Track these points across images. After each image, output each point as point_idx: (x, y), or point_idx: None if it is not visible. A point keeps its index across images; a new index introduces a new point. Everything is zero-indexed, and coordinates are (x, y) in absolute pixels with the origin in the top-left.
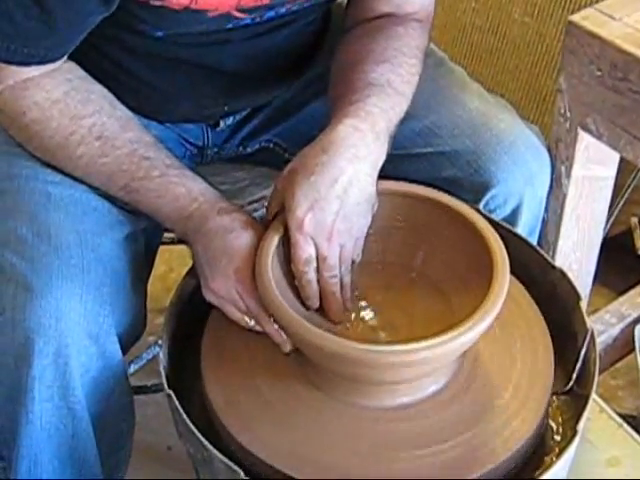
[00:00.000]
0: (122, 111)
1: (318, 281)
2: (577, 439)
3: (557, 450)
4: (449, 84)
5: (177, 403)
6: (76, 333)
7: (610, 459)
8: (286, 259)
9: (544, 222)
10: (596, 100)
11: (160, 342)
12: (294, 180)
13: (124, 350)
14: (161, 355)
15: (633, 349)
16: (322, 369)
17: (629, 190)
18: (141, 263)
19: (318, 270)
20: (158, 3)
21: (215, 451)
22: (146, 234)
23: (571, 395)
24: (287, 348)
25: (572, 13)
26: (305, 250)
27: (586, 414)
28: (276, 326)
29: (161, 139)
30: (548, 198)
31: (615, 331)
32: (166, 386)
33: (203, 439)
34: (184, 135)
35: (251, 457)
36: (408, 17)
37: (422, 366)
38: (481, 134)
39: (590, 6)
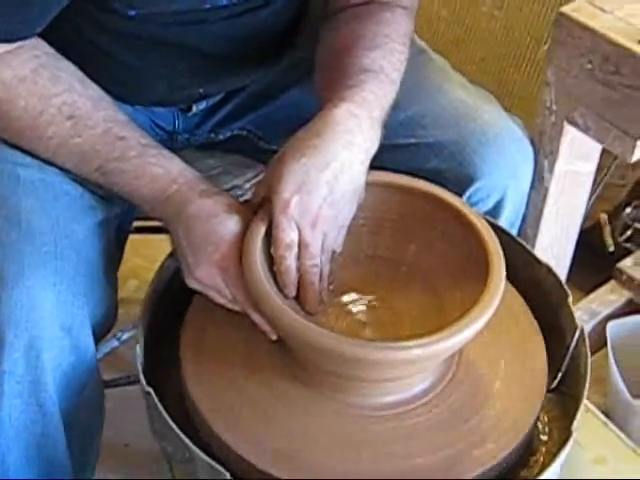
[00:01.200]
0: (94, 89)
1: (297, 269)
2: (572, 439)
3: (543, 450)
4: (431, 73)
5: (157, 401)
6: (49, 325)
7: (596, 458)
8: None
9: (524, 217)
10: (585, 93)
11: (119, 335)
12: (283, 161)
13: (95, 343)
14: (138, 350)
15: (603, 346)
16: (308, 364)
17: (601, 186)
18: (113, 251)
19: (299, 257)
20: None
21: (200, 452)
22: (118, 221)
23: (556, 393)
24: (274, 336)
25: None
26: (287, 234)
27: (580, 413)
28: (260, 316)
29: None
30: (529, 192)
31: (587, 329)
32: (144, 383)
33: (187, 440)
34: (155, 119)
35: (233, 455)
36: (394, 3)
37: (413, 364)
38: (465, 125)
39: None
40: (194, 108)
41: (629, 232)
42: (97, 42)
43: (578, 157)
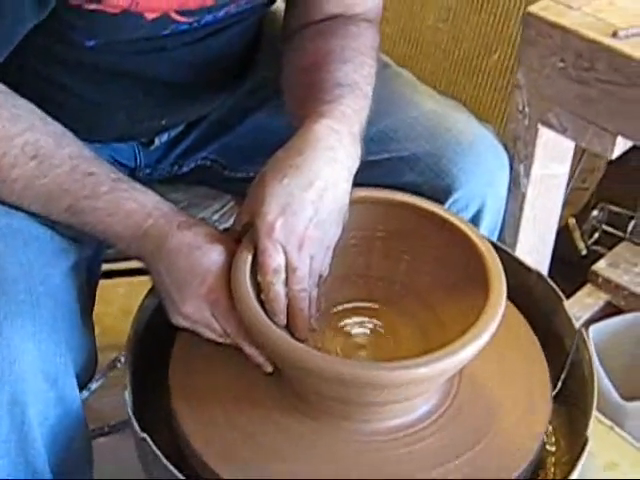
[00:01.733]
0: (55, 126)
1: (285, 295)
2: (588, 447)
3: (553, 460)
4: (400, 86)
5: (155, 448)
6: (32, 377)
7: (607, 464)
8: None
9: (502, 225)
10: (558, 93)
11: (88, 384)
12: (264, 183)
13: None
14: (126, 396)
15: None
16: (310, 393)
17: (568, 190)
18: (87, 295)
19: (287, 283)
20: (93, 7)
21: None
22: (87, 264)
23: (558, 401)
24: (269, 368)
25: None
26: (274, 259)
27: (592, 418)
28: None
29: None
30: (506, 200)
31: None
32: (138, 430)
33: None
34: (115, 156)
35: None
36: (358, 17)
37: (420, 384)
38: (439, 136)
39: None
40: (156, 141)
41: (596, 235)
42: (51, 76)
43: (552, 159)
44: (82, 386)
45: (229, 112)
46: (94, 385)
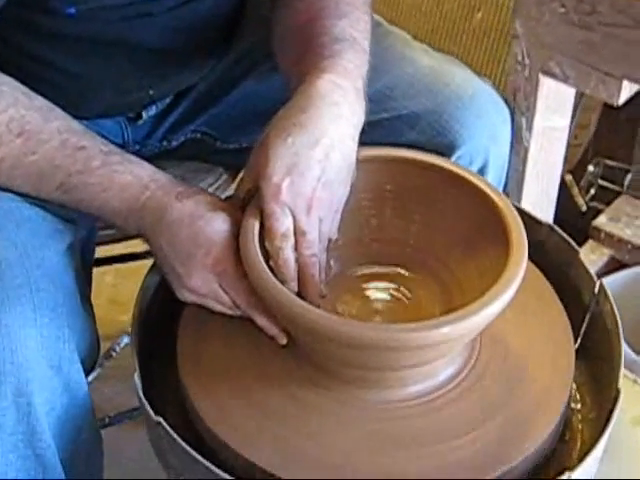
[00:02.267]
0: (40, 100)
1: (295, 260)
2: (620, 401)
3: (579, 417)
4: (393, 43)
5: (172, 432)
6: (36, 365)
7: (634, 418)
8: None
9: (505, 182)
10: (560, 40)
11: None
12: (268, 144)
13: None
14: (136, 379)
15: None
16: (324, 360)
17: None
18: (83, 278)
19: (296, 248)
20: None
21: None
22: (81, 246)
23: (579, 357)
24: (284, 340)
25: None
26: (282, 222)
27: (622, 370)
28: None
29: None
30: (509, 155)
31: None
32: (152, 413)
33: (218, 470)
34: (102, 132)
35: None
36: None
37: (440, 346)
38: (439, 92)
39: None
40: (143, 115)
41: (593, 191)
42: (31, 50)
43: (554, 111)
44: (87, 372)
45: (217, 82)
46: (90, 377)
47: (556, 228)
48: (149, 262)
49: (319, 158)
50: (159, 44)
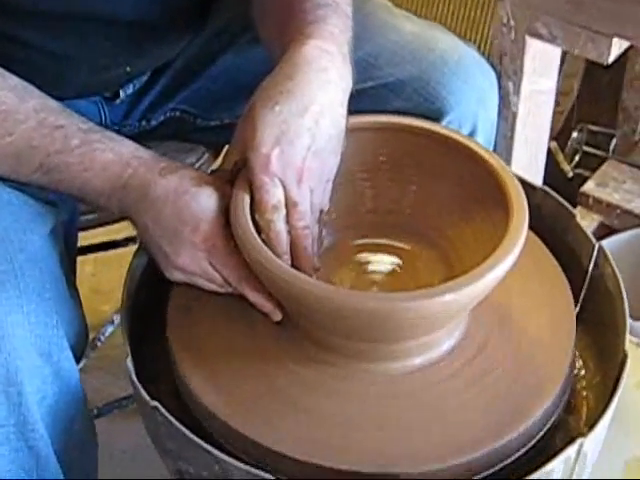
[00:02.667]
0: (14, 79)
1: (287, 233)
2: (628, 365)
3: (584, 383)
4: (374, 11)
5: (170, 416)
6: (25, 352)
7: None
8: None
9: (494, 149)
10: (546, 0)
11: None
12: (254, 113)
13: None
14: (128, 364)
15: None
16: (325, 336)
17: None
18: (69, 263)
19: (287, 220)
20: None
21: (239, 464)
22: (63, 230)
23: (579, 322)
24: (278, 316)
25: None
26: (272, 194)
27: (628, 331)
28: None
29: None
30: (497, 122)
31: None
32: (148, 398)
33: (218, 453)
34: (79, 114)
35: (270, 455)
36: None
37: (443, 315)
38: (423, 58)
39: None
40: (121, 94)
41: (577, 157)
42: (4, 29)
43: (540, 75)
44: (77, 360)
45: (195, 57)
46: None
47: (551, 192)
48: (130, 249)
49: (308, 126)
50: (133, 16)
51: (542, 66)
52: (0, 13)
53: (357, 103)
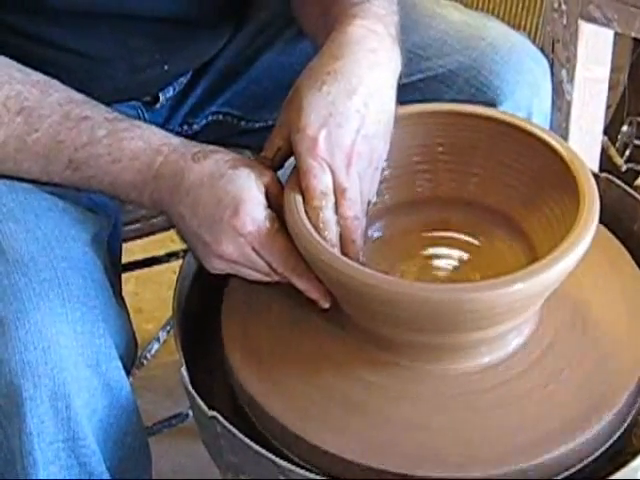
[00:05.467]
0: (37, 75)
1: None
2: None
3: None
4: (421, 1)
5: (231, 427)
6: (72, 363)
7: None
8: None
9: None
10: None
11: None
12: (300, 94)
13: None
14: (183, 373)
15: None
16: (394, 333)
17: None
18: (113, 271)
19: (336, 210)
20: None
21: (306, 473)
22: (107, 237)
23: None
24: (327, 304)
25: None
26: (320, 179)
27: None
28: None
29: None
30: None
31: None
32: (205, 407)
33: (283, 463)
34: None
35: (338, 462)
36: None
37: (514, 305)
38: (474, 47)
39: None
40: (161, 98)
41: (628, 151)
42: (30, 31)
43: (594, 61)
44: (128, 371)
45: (236, 56)
46: None
47: (615, 180)
48: (171, 265)
49: (357, 108)
50: (168, 13)
51: (595, 53)
52: (30, 13)
53: (407, 97)
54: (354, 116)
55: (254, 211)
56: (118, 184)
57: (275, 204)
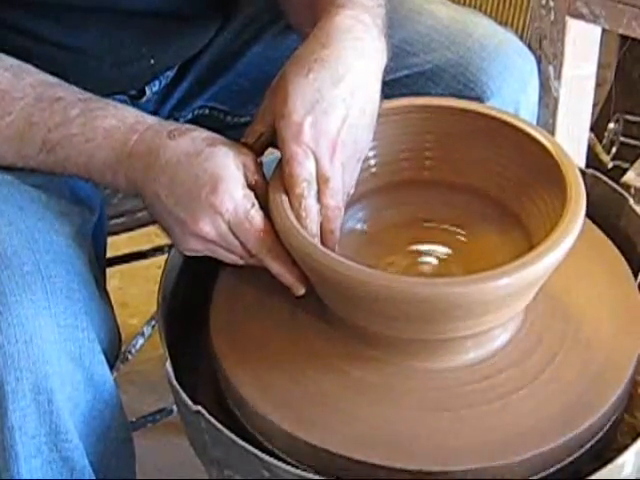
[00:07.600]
0: (10, 60)
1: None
2: None
3: None
4: None
5: (215, 421)
6: (55, 357)
7: None
8: None
9: None
10: None
11: None
12: (286, 80)
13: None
14: (167, 367)
15: None
16: (379, 330)
17: None
18: (98, 265)
19: (318, 198)
20: None
21: (290, 468)
22: (92, 231)
23: None
24: (301, 290)
25: None
26: (304, 166)
27: None
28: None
29: None
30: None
31: None
32: (190, 402)
33: (267, 458)
34: None
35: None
36: None
37: (501, 300)
38: (461, 43)
39: None
40: (147, 92)
41: (615, 148)
42: (18, 23)
43: (581, 58)
44: (111, 365)
45: (223, 50)
46: None
47: (602, 177)
48: (156, 260)
49: (344, 96)
50: (154, 7)
51: (582, 50)
52: (15, 6)
53: (393, 92)
54: (340, 104)
55: (233, 189)
56: (93, 164)
57: (253, 183)
